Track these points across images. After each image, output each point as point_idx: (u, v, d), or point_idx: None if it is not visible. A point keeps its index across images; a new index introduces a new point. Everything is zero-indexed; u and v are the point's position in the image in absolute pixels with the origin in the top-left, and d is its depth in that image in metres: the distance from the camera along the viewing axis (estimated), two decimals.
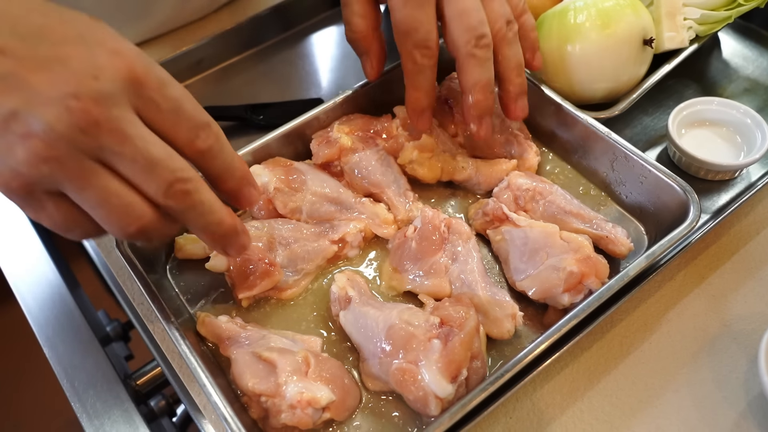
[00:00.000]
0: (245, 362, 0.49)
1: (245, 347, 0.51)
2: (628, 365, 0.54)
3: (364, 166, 0.61)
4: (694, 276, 0.60)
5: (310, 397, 0.46)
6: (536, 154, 0.64)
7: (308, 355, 0.50)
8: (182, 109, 0.39)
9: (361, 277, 0.57)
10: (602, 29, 0.64)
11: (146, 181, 0.37)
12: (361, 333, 0.51)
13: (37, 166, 0.35)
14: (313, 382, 0.48)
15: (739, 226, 0.63)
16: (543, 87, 0.65)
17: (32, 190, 0.37)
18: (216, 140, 0.41)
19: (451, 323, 0.48)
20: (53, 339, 0.58)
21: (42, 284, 0.62)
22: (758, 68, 0.77)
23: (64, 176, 0.36)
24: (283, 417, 0.47)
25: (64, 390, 0.55)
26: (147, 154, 0.37)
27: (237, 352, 0.51)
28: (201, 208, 0.40)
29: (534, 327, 0.55)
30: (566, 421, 0.52)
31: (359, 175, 0.61)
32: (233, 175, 0.43)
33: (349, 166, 0.62)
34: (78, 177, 0.36)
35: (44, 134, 0.35)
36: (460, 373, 0.47)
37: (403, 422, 0.50)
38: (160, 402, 0.58)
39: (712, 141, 0.67)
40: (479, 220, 0.60)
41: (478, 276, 0.55)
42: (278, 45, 0.85)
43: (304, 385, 0.47)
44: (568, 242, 0.54)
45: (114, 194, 0.37)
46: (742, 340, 0.55)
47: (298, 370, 0.48)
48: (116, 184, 0.37)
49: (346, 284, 0.55)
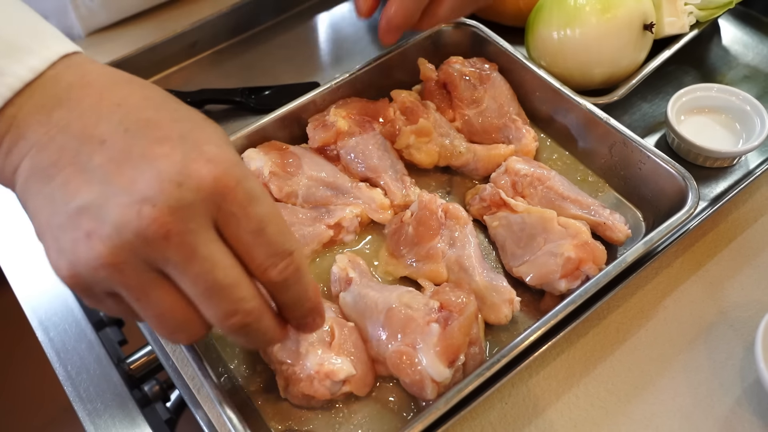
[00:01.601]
0: None
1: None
2: (624, 352, 0.54)
3: (360, 150, 0.61)
4: (692, 263, 0.60)
5: (329, 370, 0.46)
6: (534, 140, 0.64)
7: (335, 325, 0.49)
8: (264, 231, 0.36)
9: (361, 260, 0.57)
10: (602, 13, 0.63)
11: (205, 304, 0.35)
12: (360, 315, 0.51)
13: (95, 269, 0.33)
14: (334, 355, 0.48)
15: (737, 214, 0.63)
16: (541, 72, 0.65)
17: (89, 289, 0.35)
18: (294, 272, 0.37)
19: (450, 308, 0.48)
20: (46, 323, 0.58)
21: (35, 268, 0.62)
22: (758, 55, 0.76)
23: (121, 284, 0.34)
24: (301, 386, 0.47)
25: (57, 374, 0.55)
26: (211, 278, 0.34)
27: None
28: (255, 335, 0.38)
29: (530, 313, 0.55)
30: (562, 407, 0.51)
31: (356, 159, 0.61)
32: (302, 307, 0.40)
33: (346, 151, 0.61)
34: (134, 288, 0.34)
35: (108, 238, 0.32)
36: (457, 358, 0.47)
37: (398, 407, 0.50)
38: (154, 387, 0.58)
39: (711, 128, 0.67)
40: (476, 205, 0.60)
41: (475, 261, 0.54)
42: (275, 28, 0.84)
43: (325, 356, 0.47)
44: (566, 228, 0.54)
45: (168, 310, 0.35)
46: (739, 327, 0.55)
47: (321, 340, 0.48)
48: (172, 300, 0.35)
49: (348, 265, 0.54)
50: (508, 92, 0.66)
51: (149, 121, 0.35)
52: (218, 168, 0.34)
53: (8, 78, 0.35)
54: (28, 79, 0.36)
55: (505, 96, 0.65)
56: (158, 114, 0.36)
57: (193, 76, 0.79)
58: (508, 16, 0.77)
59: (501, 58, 0.68)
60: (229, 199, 0.34)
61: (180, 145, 0.34)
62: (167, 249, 0.33)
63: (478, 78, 0.65)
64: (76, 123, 0.35)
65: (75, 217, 0.33)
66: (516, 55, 0.66)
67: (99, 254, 0.32)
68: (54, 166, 0.34)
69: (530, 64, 0.65)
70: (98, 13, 0.79)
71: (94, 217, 0.33)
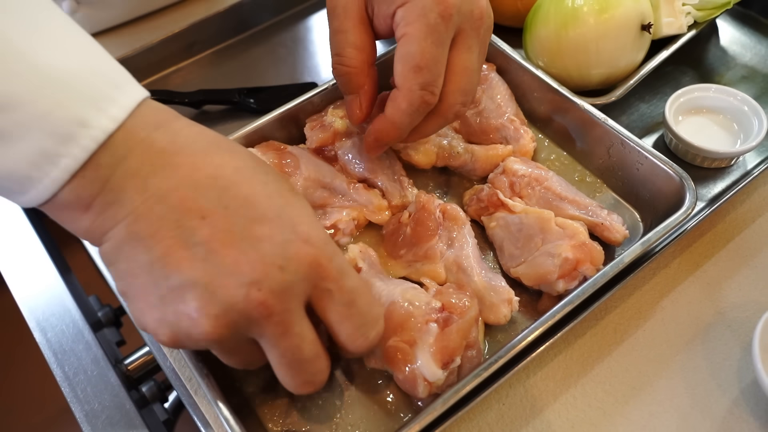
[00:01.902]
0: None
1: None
2: (621, 352, 0.54)
3: (358, 151, 0.61)
4: (689, 263, 0.59)
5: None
6: (532, 140, 0.64)
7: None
8: (355, 303, 0.39)
9: (372, 251, 0.57)
10: (600, 14, 0.63)
11: (285, 373, 0.39)
12: None
13: (197, 341, 0.36)
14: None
15: (734, 214, 0.63)
16: (539, 72, 0.65)
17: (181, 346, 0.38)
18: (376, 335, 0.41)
19: (451, 310, 0.48)
20: (43, 324, 0.58)
21: (33, 269, 0.62)
22: (756, 55, 0.76)
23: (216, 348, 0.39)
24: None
25: (54, 375, 0.55)
26: (298, 353, 0.37)
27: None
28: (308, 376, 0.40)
29: (528, 313, 0.55)
30: (559, 408, 0.51)
31: (353, 160, 0.61)
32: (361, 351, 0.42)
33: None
34: (229, 351, 0.40)
35: (216, 318, 0.35)
36: (453, 360, 0.47)
37: (396, 408, 0.50)
38: (151, 387, 0.58)
39: (708, 128, 0.67)
40: (474, 206, 0.60)
41: (473, 262, 0.54)
42: (272, 28, 0.84)
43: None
44: (564, 229, 0.54)
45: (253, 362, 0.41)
46: (736, 327, 0.55)
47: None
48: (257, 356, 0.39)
49: (358, 255, 0.54)
50: (506, 93, 0.66)
51: (247, 198, 0.36)
52: (314, 249, 0.36)
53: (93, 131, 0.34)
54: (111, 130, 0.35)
55: (503, 96, 0.65)
56: (253, 189, 0.37)
57: (191, 77, 0.79)
58: (506, 16, 0.76)
59: (499, 58, 0.68)
60: (325, 277, 0.37)
61: (278, 225, 0.36)
62: (267, 326, 0.36)
63: None
64: (174, 195, 0.35)
65: (180, 292, 0.35)
66: (514, 56, 0.66)
67: (204, 330, 0.35)
68: (153, 237, 0.35)
69: (528, 65, 0.65)
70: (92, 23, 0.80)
71: (201, 296, 0.34)
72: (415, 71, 0.48)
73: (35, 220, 0.66)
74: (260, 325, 0.36)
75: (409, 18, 0.48)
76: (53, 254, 0.63)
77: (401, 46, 0.48)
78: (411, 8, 0.47)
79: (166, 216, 0.35)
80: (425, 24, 0.47)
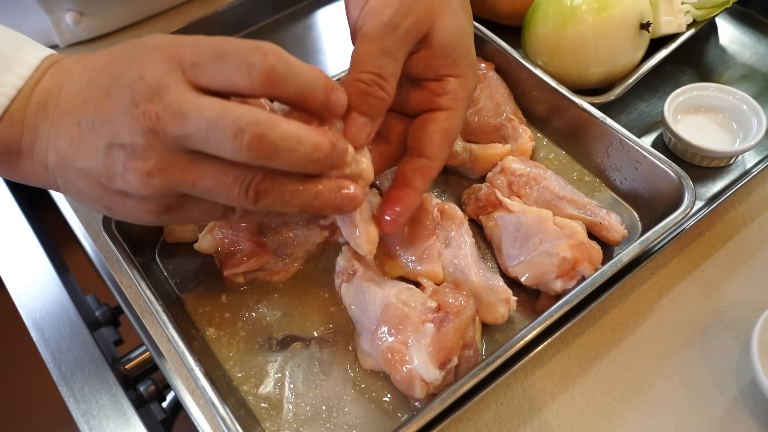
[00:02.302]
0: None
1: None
2: (620, 352, 0.54)
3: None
4: (688, 263, 0.59)
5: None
6: (530, 140, 0.64)
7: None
8: (223, 52, 0.37)
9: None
10: (599, 12, 0.63)
11: (219, 147, 0.36)
12: (359, 308, 0.51)
13: (149, 184, 0.38)
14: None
15: (733, 214, 0.63)
16: (538, 71, 0.64)
17: (170, 209, 0.40)
18: (275, 58, 0.37)
19: (447, 309, 0.48)
20: (40, 323, 0.58)
21: (30, 268, 0.62)
22: (755, 54, 0.76)
23: (176, 182, 0.38)
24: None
25: (51, 374, 0.55)
26: (204, 119, 0.36)
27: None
28: (286, 144, 0.37)
29: (526, 313, 0.55)
30: (557, 408, 0.51)
31: None
32: (315, 89, 0.39)
33: None
34: (185, 178, 0.38)
35: (133, 152, 0.37)
36: (449, 360, 0.46)
37: (393, 407, 0.50)
38: (149, 387, 0.58)
39: (707, 127, 0.66)
40: (472, 205, 0.60)
41: (471, 261, 0.54)
42: (270, 27, 0.84)
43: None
44: (562, 228, 0.54)
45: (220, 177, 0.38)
46: (735, 327, 0.55)
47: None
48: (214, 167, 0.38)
49: (353, 257, 0.54)
50: (505, 91, 0.66)
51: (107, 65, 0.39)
52: (161, 47, 0.38)
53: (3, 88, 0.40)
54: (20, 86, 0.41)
55: (502, 95, 0.65)
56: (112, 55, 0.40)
57: None
58: (505, 15, 0.76)
59: (497, 57, 0.67)
60: (183, 58, 0.37)
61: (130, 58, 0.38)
62: (167, 127, 0.36)
63: None
64: (65, 104, 0.40)
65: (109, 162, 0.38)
66: (512, 54, 0.66)
67: (140, 169, 0.37)
68: (71, 145, 0.39)
69: (527, 63, 0.65)
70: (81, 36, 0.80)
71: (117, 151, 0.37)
72: (450, 146, 0.49)
73: (33, 220, 0.66)
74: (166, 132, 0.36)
75: (458, 94, 0.48)
76: (51, 253, 0.63)
77: (445, 119, 0.48)
78: (463, 85, 0.49)
79: (68, 122, 0.39)
80: (467, 104, 0.50)
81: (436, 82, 0.48)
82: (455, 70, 0.48)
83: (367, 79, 0.44)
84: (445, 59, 0.47)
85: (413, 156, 0.49)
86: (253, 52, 0.36)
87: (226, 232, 0.54)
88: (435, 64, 0.48)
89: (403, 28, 0.44)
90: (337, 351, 0.53)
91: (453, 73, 0.48)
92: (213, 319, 0.55)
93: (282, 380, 0.52)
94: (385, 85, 0.44)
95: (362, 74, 0.44)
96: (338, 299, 0.55)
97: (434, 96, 0.48)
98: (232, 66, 0.36)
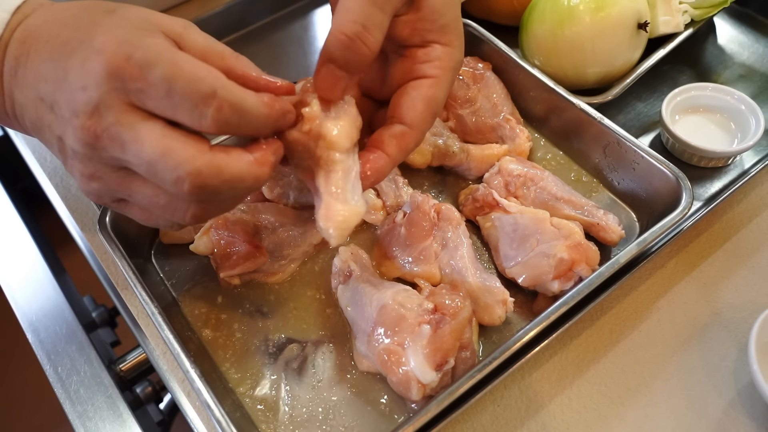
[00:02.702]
0: None
1: None
2: (617, 353, 0.54)
3: None
4: (686, 264, 0.59)
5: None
6: (528, 140, 0.63)
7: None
8: (173, 91, 0.35)
9: (364, 254, 0.56)
10: (596, 12, 0.63)
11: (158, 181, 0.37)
12: (356, 309, 0.51)
13: (88, 184, 0.39)
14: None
15: (731, 214, 0.63)
16: (535, 71, 0.64)
17: (104, 202, 0.41)
18: (230, 111, 0.36)
19: (444, 311, 0.47)
20: (36, 324, 0.57)
21: (26, 270, 0.61)
22: (754, 54, 0.76)
23: (113, 189, 0.39)
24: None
25: (47, 376, 0.54)
26: (144, 156, 0.35)
27: None
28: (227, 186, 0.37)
29: (523, 314, 0.55)
30: (554, 409, 0.51)
31: None
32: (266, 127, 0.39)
33: None
34: (117, 187, 0.38)
35: (74, 155, 0.37)
36: (446, 362, 0.46)
37: (390, 409, 0.50)
38: (146, 388, 0.58)
39: (705, 127, 0.66)
40: (469, 206, 0.60)
41: (468, 262, 0.54)
42: (267, 27, 0.84)
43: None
44: (559, 229, 0.54)
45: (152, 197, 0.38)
46: (733, 328, 0.55)
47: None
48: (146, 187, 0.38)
49: (349, 258, 0.54)
50: (502, 92, 0.65)
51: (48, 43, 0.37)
52: (105, 55, 0.35)
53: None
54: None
55: (499, 95, 0.65)
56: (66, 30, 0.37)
57: None
58: (502, 14, 0.76)
59: (495, 57, 0.67)
60: (127, 78, 0.35)
61: (79, 50, 0.36)
62: (106, 147, 0.36)
63: (471, 77, 0.64)
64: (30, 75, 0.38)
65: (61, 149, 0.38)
66: (510, 54, 0.66)
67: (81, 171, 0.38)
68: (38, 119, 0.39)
69: (524, 64, 0.65)
70: None
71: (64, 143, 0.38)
72: (432, 117, 0.46)
73: (29, 221, 0.66)
74: (105, 150, 0.36)
75: (444, 62, 0.46)
76: (47, 254, 0.63)
77: (429, 86, 0.45)
78: (449, 54, 0.46)
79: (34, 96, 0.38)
80: (453, 75, 0.47)
81: (422, 49, 0.46)
82: (442, 38, 0.46)
83: (350, 31, 0.41)
84: (433, 23, 0.45)
85: (393, 123, 0.46)
86: (206, 101, 0.35)
87: (222, 233, 0.54)
88: (422, 28, 0.45)
89: None
90: (333, 353, 0.53)
91: (440, 41, 0.46)
92: (209, 321, 0.55)
93: (278, 382, 0.51)
94: (368, 38, 0.41)
95: (346, 24, 0.41)
96: (334, 301, 0.55)
97: (419, 63, 0.46)
98: (181, 109, 0.35)
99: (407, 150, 0.45)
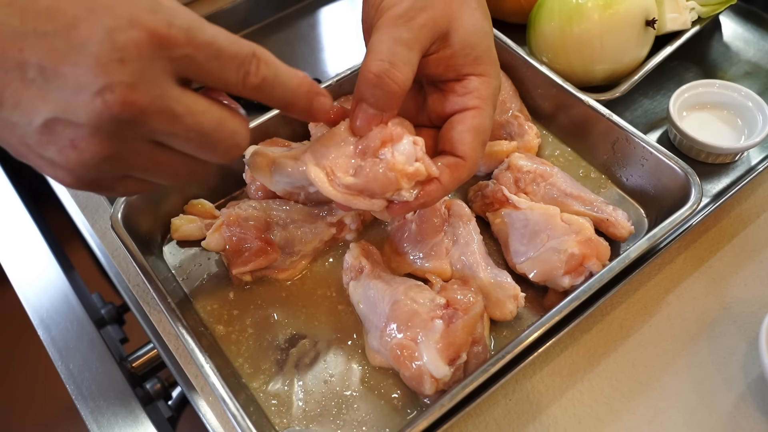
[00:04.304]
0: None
1: None
2: (627, 348, 0.54)
3: None
4: (695, 259, 0.59)
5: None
6: (536, 136, 0.64)
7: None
8: (221, 51, 0.35)
9: (375, 250, 0.56)
10: (604, 9, 0.63)
11: (205, 153, 0.37)
12: (368, 305, 0.51)
13: (98, 166, 0.34)
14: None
15: (739, 210, 0.63)
16: (543, 68, 0.64)
17: (98, 183, 0.36)
18: (267, 68, 0.37)
19: (456, 306, 0.48)
20: (47, 321, 0.58)
21: (36, 267, 0.62)
22: (759, 51, 0.76)
23: (127, 167, 0.36)
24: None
25: (59, 373, 0.55)
26: (199, 129, 0.35)
27: None
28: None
29: (534, 309, 0.55)
30: (566, 403, 0.51)
31: None
32: (298, 96, 0.40)
33: None
34: (140, 165, 0.36)
35: (92, 137, 0.33)
36: (459, 357, 0.47)
37: (402, 404, 0.50)
38: (155, 385, 0.58)
39: (713, 124, 0.67)
40: (479, 202, 0.60)
41: (479, 258, 0.54)
42: (275, 24, 0.84)
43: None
44: (569, 224, 0.54)
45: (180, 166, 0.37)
46: (742, 323, 0.55)
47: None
48: (177, 159, 0.37)
49: (361, 254, 0.54)
50: (510, 89, 0.66)
51: (48, 11, 0.32)
52: (144, 25, 0.33)
53: None
54: None
55: (507, 92, 0.65)
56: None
57: None
58: (510, 12, 0.76)
59: (503, 54, 0.67)
60: (173, 46, 0.33)
61: (95, 20, 0.32)
62: (148, 121, 0.34)
63: None
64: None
65: (48, 132, 0.33)
66: (518, 52, 0.66)
67: (93, 153, 0.34)
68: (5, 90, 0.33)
69: (532, 61, 0.65)
70: None
71: (68, 125, 0.33)
72: (482, 145, 0.47)
73: (37, 218, 0.66)
74: (143, 123, 0.34)
75: (483, 92, 0.47)
76: (56, 252, 0.63)
77: (473, 117, 0.46)
78: (487, 83, 0.47)
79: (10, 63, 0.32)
80: (494, 102, 0.48)
81: (458, 83, 0.47)
82: (477, 69, 0.47)
83: (376, 69, 0.42)
84: (466, 57, 0.46)
85: (445, 155, 0.47)
86: (249, 59, 0.36)
87: (233, 230, 0.54)
88: (456, 63, 0.47)
89: (418, 20, 0.44)
90: (345, 348, 0.53)
91: (475, 72, 0.47)
92: (221, 317, 0.55)
93: (291, 377, 0.52)
94: (397, 75, 0.42)
95: (373, 63, 0.42)
96: (345, 298, 0.55)
97: (458, 97, 0.47)
98: (229, 70, 0.35)
99: (460, 180, 0.46)
